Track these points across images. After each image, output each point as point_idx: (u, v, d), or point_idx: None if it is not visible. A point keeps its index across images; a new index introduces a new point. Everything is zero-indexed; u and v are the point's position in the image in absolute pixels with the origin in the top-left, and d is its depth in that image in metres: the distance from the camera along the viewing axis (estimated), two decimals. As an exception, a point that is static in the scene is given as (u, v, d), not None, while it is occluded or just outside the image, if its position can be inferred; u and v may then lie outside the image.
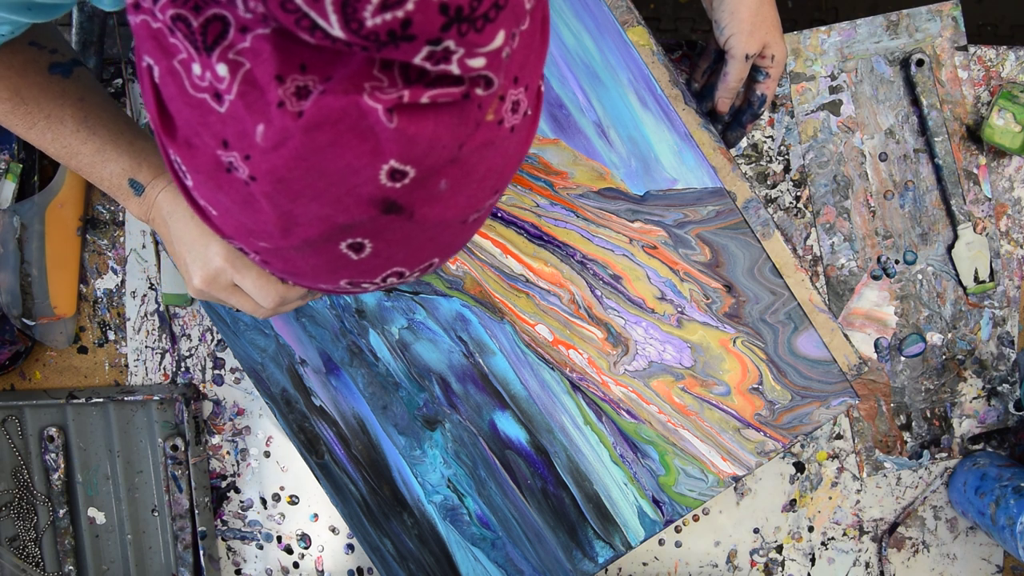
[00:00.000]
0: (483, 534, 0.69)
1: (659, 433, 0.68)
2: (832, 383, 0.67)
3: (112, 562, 0.80)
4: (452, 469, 0.69)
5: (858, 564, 0.81)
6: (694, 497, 0.68)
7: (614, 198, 0.67)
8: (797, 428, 0.67)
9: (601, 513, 0.68)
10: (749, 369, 0.67)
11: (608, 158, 0.67)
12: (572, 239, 0.67)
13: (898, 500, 0.81)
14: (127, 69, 0.78)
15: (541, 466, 0.69)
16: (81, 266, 0.79)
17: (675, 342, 0.67)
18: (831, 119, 0.79)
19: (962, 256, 0.79)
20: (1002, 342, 0.80)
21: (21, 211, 0.75)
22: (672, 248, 0.67)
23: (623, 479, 0.68)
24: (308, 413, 0.69)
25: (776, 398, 0.67)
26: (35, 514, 0.79)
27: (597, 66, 0.66)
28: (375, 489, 0.69)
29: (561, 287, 0.67)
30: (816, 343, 0.67)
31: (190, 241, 0.53)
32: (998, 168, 0.80)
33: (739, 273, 0.67)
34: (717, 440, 0.68)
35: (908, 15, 0.79)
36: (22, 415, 0.78)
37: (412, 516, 0.69)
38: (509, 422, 0.68)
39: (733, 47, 0.64)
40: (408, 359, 0.68)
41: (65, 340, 0.78)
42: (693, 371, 0.67)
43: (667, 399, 0.68)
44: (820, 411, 0.67)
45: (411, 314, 0.68)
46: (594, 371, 0.68)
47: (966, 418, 0.80)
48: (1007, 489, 0.72)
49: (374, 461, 0.69)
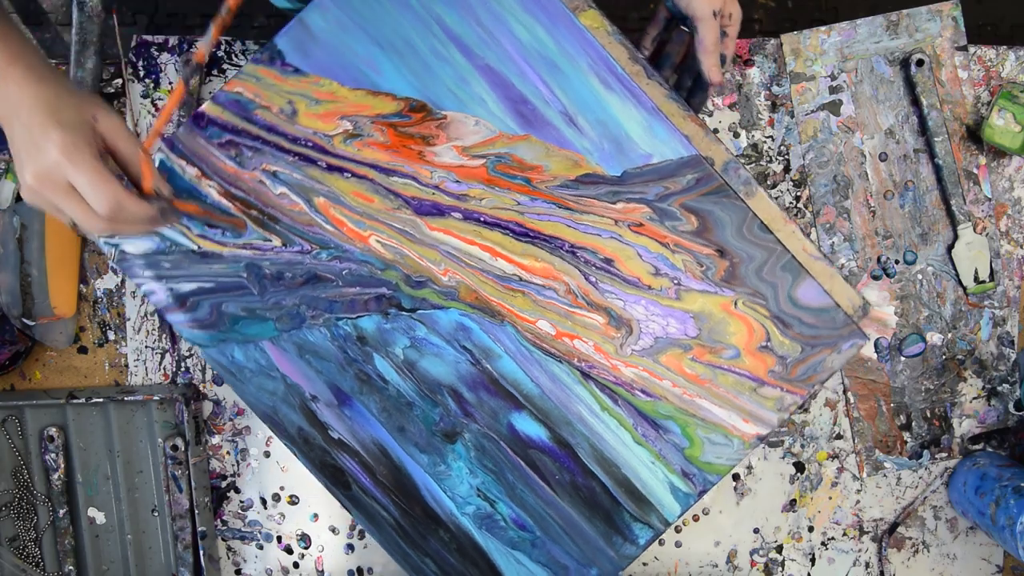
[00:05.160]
0: (521, 536, 0.69)
1: (677, 407, 0.67)
2: (839, 328, 0.67)
3: (112, 562, 0.80)
4: (479, 478, 0.69)
5: (858, 564, 0.81)
6: (722, 463, 0.68)
7: (593, 183, 0.67)
8: (812, 378, 0.67)
9: (634, 495, 0.68)
10: (755, 328, 0.67)
11: (580, 145, 0.66)
12: (558, 231, 0.67)
13: (898, 500, 0.81)
14: (127, 69, 0.78)
15: (566, 459, 0.68)
16: (81, 266, 0.79)
17: (677, 314, 0.67)
18: (831, 119, 0.79)
19: (962, 256, 0.79)
20: (1002, 342, 0.80)
21: (21, 211, 0.75)
22: (658, 222, 0.67)
23: (649, 458, 0.68)
24: (328, 448, 0.69)
25: (786, 352, 0.67)
26: (35, 514, 0.79)
27: (555, 56, 0.66)
28: (407, 511, 0.69)
29: (555, 280, 0.67)
30: (817, 291, 0.67)
31: (29, 130, 0.50)
32: (998, 168, 0.80)
33: (729, 236, 0.67)
34: (735, 403, 0.67)
35: (908, 15, 0.79)
36: (22, 415, 0.78)
37: (448, 531, 0.69)
38: (527, 422, 0.68)
39: (698, 7, 0.64)
40: (417, 377, 0.68)
41: (65, 340, 0.78)
42: (700, 340, 0.67)
43: (679, 372, 0.67)
44: (832, 357, 0.67)
45: (412, 332, 0.68)
46: (602, 357, 0.68)
47: (966, 418, 0.80)
48: (1007, 489, 0.72)
49: (401, 483, 0.69)
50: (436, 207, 0.66)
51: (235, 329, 0.67)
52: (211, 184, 0.66)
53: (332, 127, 0.66)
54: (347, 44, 0.66)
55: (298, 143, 0.66)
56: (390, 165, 0.66)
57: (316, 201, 0.66)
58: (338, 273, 0.67)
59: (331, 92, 0.66)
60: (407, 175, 0.66)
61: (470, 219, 0.66)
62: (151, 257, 0.67)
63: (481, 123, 0.66)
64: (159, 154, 0.66)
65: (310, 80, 0.66)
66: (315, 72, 0.66)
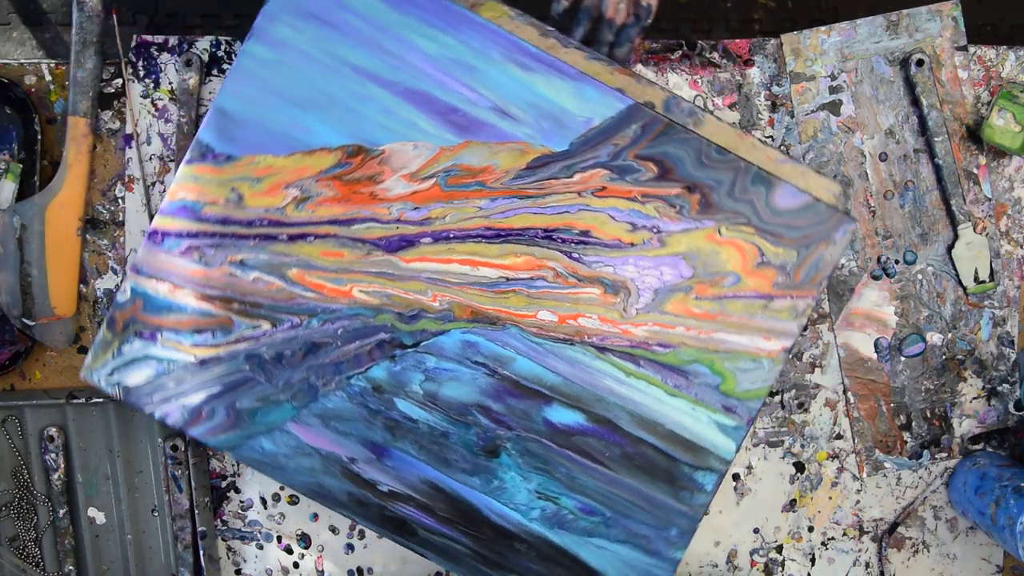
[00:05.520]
0: (593, 522, 0.69)
1: (697, 348, 0.67)
2: (826, 220, 0.66)
3: (112, 562, 0.80)
4: (534, 481, 0.69)
5: (858, 564, 0.81)
6: (759, 387, 0.67)
7: (544, 164, 0.67)
8: (816, 276, 0.67)
9: (686, 446, 0.68)
10: (746, 249, 0.67)
11: (521, 133, 0.66)
12: (527, 221, 0.67)
13: (898, 500, 0.81)
14: (127, 69, 0.78)
15: (610, 434, 0.68)
16: (81, 266, 0.79)
17: (667, 261, 0.67)
18: (831, 119, 0.79)
19: (962, 256, 0.79)
20: (1002, 342, 0.80)
21: (21, 211, 0.75)
22: (619, 180, 0.67)
23: (689, 406, 0.68)
24: (382, 503, 0.69)
25: (784, 261, 0.67)
26: (35, 514, 0.79)
27: (468, 57, 0.66)
28: (477, 536, 0.69)
29: (540, 268, 0.67)
30: (793, 192, 0.66)
31: None
32: (998, 168, 0.80)
33: (691, 169, 0.66)
34: (751, 326, 0.67)
35: (908, 15, 0.79)
36: (22, 415, 0.78)
37: (523, 541, 0.69)
38: (561, 412, 0.68)
39: None
40: (441, 406, 0.68)
41: (65, 340, 0.78)
42: (697, 278, 0.67)
43: (687, 315, 0.67)
44: (829, 250, 0.66)
45: (423, 366, 0.68)
46: (610, 326, 0.67)
47: (966, 418, 0.80)
48: (1007, 489, 0.72)
49: (463, 512, 0.69)
50: (404, 239, 0.66)
51: (255, 421, 0.67)
52: (186, 293, 0.67)
53: (280, 199, 0.66)
54: (267, 115, 0.66)
55: (254, 225, 0.66)
56: (347, 215, 0.66)
57: (290, 274, 0.66)
58: (334, 334, 0.67)
59: (268, 166, 0.66)
60: (366, 219, 0.66)
61: (440, 240, 0.66)
62: (154, 383, 0.67)
63: (419, 145, 0.66)
64: (129, 282, 0.66)
65: (245, 162, 0.66)
66: (247, 153, 0.66)
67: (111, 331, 0.67)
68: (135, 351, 0.67)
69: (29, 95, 0.77)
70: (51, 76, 0.79)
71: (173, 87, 0.79)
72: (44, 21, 1.43)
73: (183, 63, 0.77)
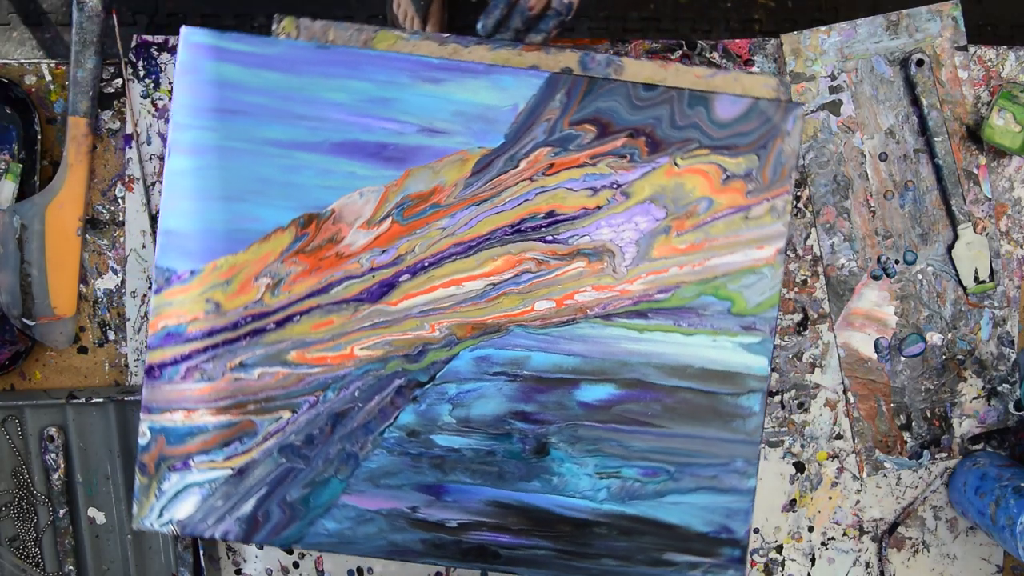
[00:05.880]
0: (660, 482, 0.69)
1: (696, 282, 0.67)
2: (773, 115, 0.66)
3: (112, 562, 0.80)
4: (590, 464, 0.69)
5: (858, 564, 0.81)
6: (769, 296, 0.67)
7: (488, 164, 0.67)
8: (784, 171, 0.67)
9: (721, 378, 0.68)
10: (707, 170, 0.67)
11: (455, 143, 0.66)
12: (491, 223, 0.67)
13: (898, 500, 0.81)
14: (127, 69, 0.78)
15: (645, 393, 0.68)
16: (81, 266, 0.79)
17: (636, 210, 0.67)
18: (831, 119, 0.79)
19: (962, 256, 0.79)
20: (1002, 342, 0.80)
21: (21, 211, 0.75)
22: (563, 152, 0.67)
23: (709, 339, 0.68)
24: (456, 538, 0.69)
25: (746, 167, 0.67)
26: (35, 514, 0.79)
27: (379, 93, 0.66)
28: (557, 536, 0.69)
29: (521, 263, 0.67)
30: (731, 100, 0.66)
31: None
32: (998, 168, 0.80)
33: (626, 115, 0.66)
34: (740, 241, 0.67)
35: (908, 15, 0.79)
36: (22, 415, 0.78)
37: (601, 525, 0.69)
38: (590, 389, 0.68)
39: None
40: (477, 427, 0.68)
41: (65, 340, 0.78)
42: (671, 215, 0.67)
43: (675, 254, 0.67)
44: (787, 142, 0.66)
45: (446, 396, 0.68)
46: (606, 292, 0.67)
47: (966, 418, 0.80)
48: (1007, 489, 0.72)
49: (535, 519, 0.69)
50: (384, 285, 0.67)
51: (310, 507, 0.68)
52: (201, 414, 0.67)
53: (255, 292, 0.67)
54: (213, 220, 0.66)
55: (239, 326, 0.67)
56: (322, 283, 0.67)
57: (290, 358, 0.67)
58: (352, 398, 0.67)
59: (232, 266, 0.66)
60: (342, 279, 0.67)
61: (417, 272, 0.67)
62: (203, 507, 0.67)
63: (365, 192, 0.66)
64: (144, 424, 0.67)
65: (208, 271, 0.66)
66: (207, 261, 0.66)
67: (145, 475, 0.67)
68: (174, 485, 0.68)
69: (29, 95, 0.77)
70: (51, 76, 0.79)
71: (173, 87, 0.79)
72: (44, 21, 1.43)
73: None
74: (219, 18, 1.44)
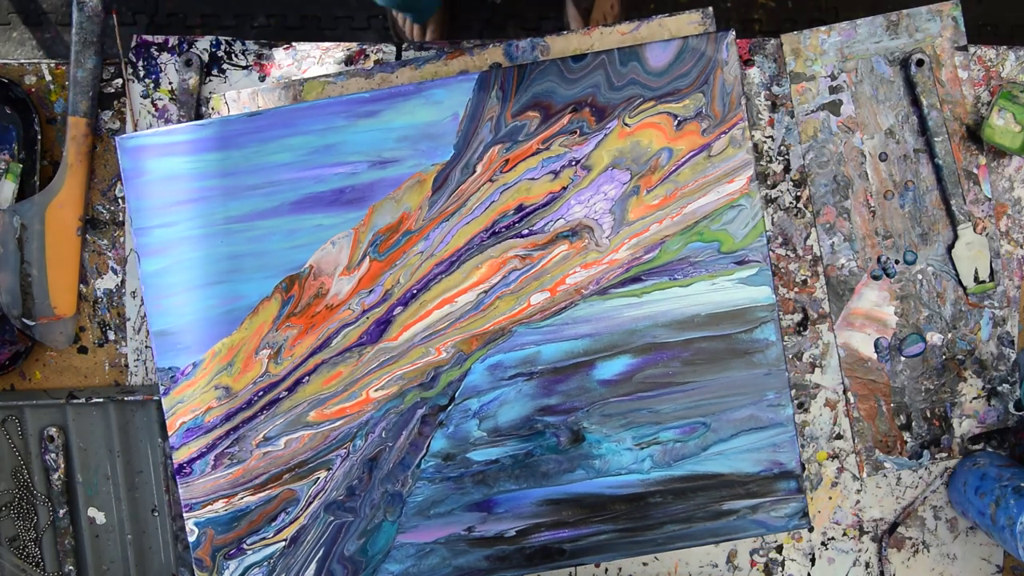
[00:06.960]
0: (700, 436, 0.69)
1: (679, 233, 0.68)
2: (704, 49, 0.67)
3: (112, 562, 0.80)
4: (627, 439, 0.69)
5: (858, 564, 0.81)
6: (753, 225, 0.68)
7: (446, 178, 0.67)
8: (732, 100, 0.67)
9: (730, 318, 0.68)
10: (657, 121, 0.67)
11: (408, 168, 0.67)
12: (466, 233, 0.68)
13: (898, 500, 0.81)
14: (127, 69, 0.78)
15: (660, 355, 0.69)
16: (81, 266, 0.79)
17: (601, 179, 0.68)
18: (831, 119, 0.79)
19: (962, 256, 0.79)
20: (1002, 342, 0.80)
21: (21, 211, 0.75)
22: (515, 145, 0.67)
23: (708, 284, 0.68)
24: (517, 546, 0.70)
25: (695, 106, 0.67)
26: (35, 514, 0.79)
27: (320, 142, 0.67)
28: (614, 515, 0.70)
29: (505, 263, 0.68)
30: (662, 47, 0.67)
31: None
32: (998, 168, 0.80)
33: (564, 92, 0.67)
34: (708, 179, 0.68)
35: (908, 15, 0.79)
36: (22, 415, 0.78)
37: (654, 494, 0.70)
38: (607, 366, 0.68)
39: None
40: (508, 432, 0.69)
41: (65, 340, 0.78)
42: (636, 175, 0.68)
43: (650, 210, 0.68)
44: (726, 71, 0.67)
45: (470, 412, 0.69)
46: (595, 268, 0.68)
47: (966, 418, 0.80)
48: (1007, 489, 0.72)
49: (588, 505, 0.70)
50: (380, 323, 0.68)
51: (370, 555, 0.68)
52: (241, 497, 0.68)
53: (259, 366, 0.68)
54: (199, 310, 0.67)
55: (253, 403, 0.68)
56: (321, 339, 0.68)
57: (310, 419, 0.68)
58: (381, 440, 0.68)
59: (230, 347, 0.67)
60: (338, 330, 0.68)
61: (409, 301, 0.67)
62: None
63: (336, 240, 0.67)
64: (189, 522, 0.68)
65: (208, 358, 0.67)
66: (205, 350, 0.67)
67: (204, 570, 0.68)
68: (235, 572, 0.69)
69: (29, 95, 0.77)
70: (51, 76, 0.79)
71: (173, 87, 0.79)
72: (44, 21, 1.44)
73: (183, 63, 0.77)
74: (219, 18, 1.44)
